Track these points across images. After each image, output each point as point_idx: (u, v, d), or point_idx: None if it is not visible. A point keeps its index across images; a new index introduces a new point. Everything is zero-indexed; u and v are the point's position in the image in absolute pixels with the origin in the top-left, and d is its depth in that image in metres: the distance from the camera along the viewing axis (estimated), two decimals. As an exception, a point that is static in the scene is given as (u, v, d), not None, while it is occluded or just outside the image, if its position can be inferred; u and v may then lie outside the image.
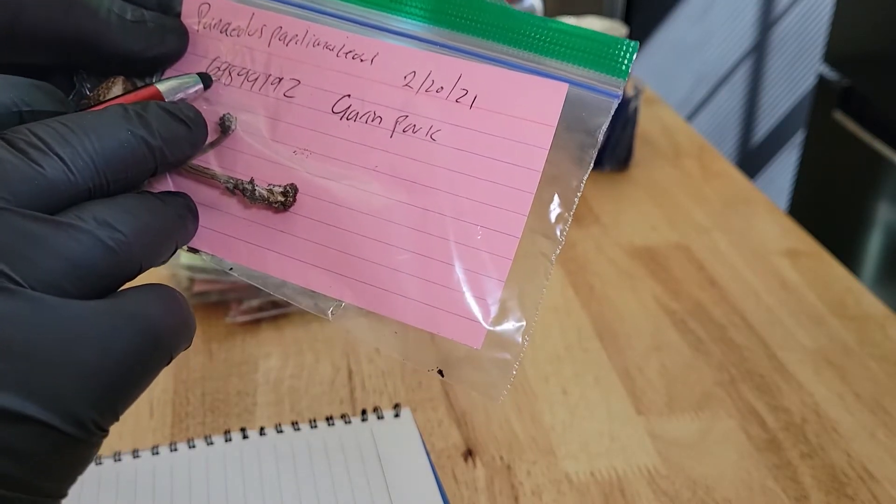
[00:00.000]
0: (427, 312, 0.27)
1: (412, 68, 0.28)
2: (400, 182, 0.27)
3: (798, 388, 0.56)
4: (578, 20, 0.94)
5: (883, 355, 0.59)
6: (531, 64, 0.27)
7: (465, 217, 0.27)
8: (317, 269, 0.28)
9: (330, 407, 0.54)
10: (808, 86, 1.98)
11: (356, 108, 0.28)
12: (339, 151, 0.28)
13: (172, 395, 0.54)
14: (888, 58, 1.39)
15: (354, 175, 0.28)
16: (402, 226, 0.27)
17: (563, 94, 0.27)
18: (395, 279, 0.27)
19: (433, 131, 0.27)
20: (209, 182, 0.29)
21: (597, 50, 0.27)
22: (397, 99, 0.28)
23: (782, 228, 0.76)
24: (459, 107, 0.27)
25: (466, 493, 0.48)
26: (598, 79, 0.27)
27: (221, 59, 0.30)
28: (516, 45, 0.27)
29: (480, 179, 0.27)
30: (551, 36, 0.27)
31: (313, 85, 0.29)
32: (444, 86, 0.28)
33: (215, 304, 0.62)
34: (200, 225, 0.29)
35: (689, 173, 0.86)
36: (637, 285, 0.67)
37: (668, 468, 0.49)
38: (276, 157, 0.29)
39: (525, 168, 0.27)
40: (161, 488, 0.46)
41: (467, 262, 0.27)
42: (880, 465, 0.50)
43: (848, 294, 0.66)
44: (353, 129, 0.28)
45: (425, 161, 0.27)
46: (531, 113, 0.27)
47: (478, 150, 0.27)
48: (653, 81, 1.94)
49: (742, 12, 1.89)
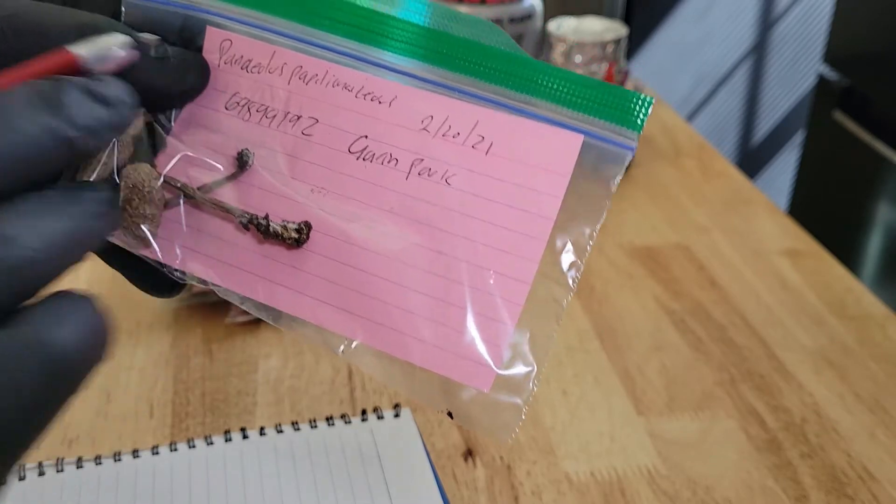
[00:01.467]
0: (437, 354, 0.27)
1: (430, 112, 0.28)
2: (414, 224, 0.28)
3: (798, 388, 0.56)
4: (579, 20, 0.94)
5: (883, 355, 0.59)
6: (548, 113, 0.28)
7: (478, 261, 0.27)
8: (328, 307, 0.28)
9: (330, 407, 0.54)
10: (808, 86, 1.98)
11: (373, 149, 0.28)
12: (355, 191, 0.28)
13: (172, 395, 0.54)
14: (888, 58, 1.39)
15: (369, 215, 0.28)
16: (416, 267, 0.27)
17: (579, 145, 0.27)
18: (406, 320, 0.27)
19: (448, 175, 0.28)
20: (224, 216, 0.29)
21: (613, 102, 0.27)
22: (414, 142, 0.28)
23: (782, 228, 0.76)
24: (475, 153, 0.28)
25: (466, 493, 0.48)
26: (613, 130, 0.27)
27: (241, 94, 0.30)
28: (534, 93, 0.28)
29: (494, 225, 0.27)
30: (568, 86, 0.27)
31: (331, 124, 0.29)
32: (461, 131, 0.28)
33: (215, 304, 0.62)
34: (215, 257, 0.29)
35: (689, 173, 0.86)
36: (637, 285, 0.67)
37: (668, 468, 0.49)
38: (292, 193, 0.29)
39: (538, 216, 0.27)
40: (161, 488, 0.46)
41: (479, 305, 0.27)
42: (880, 465, 0.50)
43: (848, 294, 0.66)
44: (369, 170, 0.28)
45: (440, 204, 0.28)
46: (546, 162, 0.27)
47: (492, 195, 0.27)
48: (653, 81, 1.95)
49: (742, 12, 1.89)
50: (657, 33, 1.88)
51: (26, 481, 0.46)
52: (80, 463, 0.48)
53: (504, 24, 0.86)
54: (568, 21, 0.95)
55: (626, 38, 0.93)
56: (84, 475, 0.47)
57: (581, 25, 0.94)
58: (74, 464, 0.48)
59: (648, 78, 1.93)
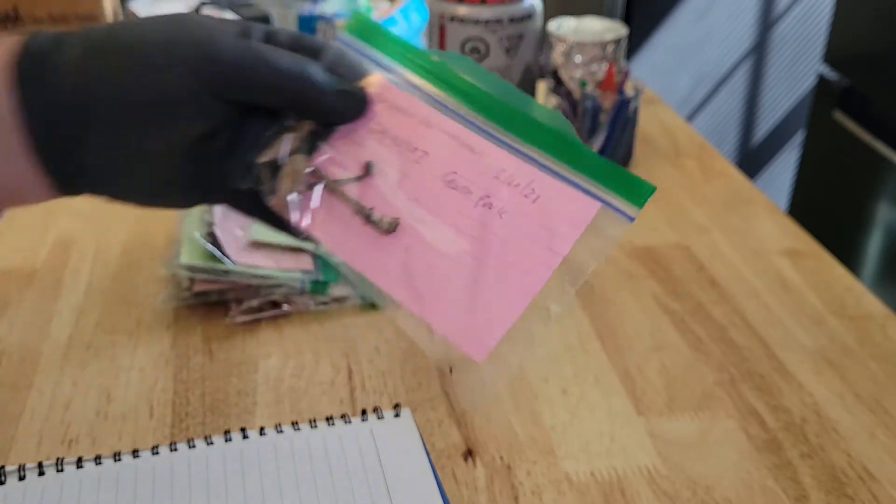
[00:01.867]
0: (454, 326, 0.37)
1: (504, 167, 0.39)
2: (468, 237, 0.38)
3: (798, 388, 0.56)
4: (579, 20, 0.94)
5: (883, 355, 0.59)
6: (580, 181, 0.38)
7: (503, 272, 0.37)
8: (390, 277, 0.39)
9: (330, 407, 0.54)
10: (808, 86, 1.98)
11: (458, 182, 0.40)
12: (436, 206, 0.39)
13: (172, 395, 0.54)
14: (888, 58, 1.39)
15: (440, 224, 0.39)
16: (458, 266, 0.38)
17: (596, 211, 0.38)
18: (440, 298, 0.38)
19: (502, 211, 0.38)
20: (345, 203, 0.40)
21: (626, 184, 0.38)
22: (486, 183, 0.39)
23: (782, 228, 0.76)
24: (525, 200, 0.38)
25: (466, 492, 0.48)
26: (621, 203, 0.38)
27: (382, 124, 0.41)
28: (575, 166, 0.39)
29: (521, 250, 0.38)
30: (598, 166, 0.38)
31: (436, 158, 0.40)
32: (520, 183, 0.39)
33: (215, 304, 0.62)
34: (330, 229, 0.40)
35: (690, 173, 0.86)
36: (637, 285, 0.67)
37: (668, 468, 0.49)
38: (393, 198, 0.40)
39: (553, 251, 0.37)
40: (161, 488, 0.46)
41: (493, 302, 0.37)
42: (880, 465, 0.50)
43: (848, 294, 0.66)
44: (450, 195, 0.39)
45: (489, 229, 0.38)
46: (570, 215, 0.38)
47: (527, 231, 0.38)
48: (653, 81, 1.94)
49: (742, 12, 1.89)
50: (657, 33, 1.88)
51: (26, 481, 0.46)
52: (80, 463, 0.48)
53: (504, 24, 0.86)
54: (568, 21, 0.95)
55: (626, 38, 0.93)
56: (84, 475, 0.47)
57: (581, 25, 0.94)
58: (74, 464, 0.48)
59: (648, 78, 1.93)
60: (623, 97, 0.83)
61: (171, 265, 0.63)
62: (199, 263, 0.62)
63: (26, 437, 0.51)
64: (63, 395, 0.54)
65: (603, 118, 0.84)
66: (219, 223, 0.64)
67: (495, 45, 0.87)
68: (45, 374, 0.56)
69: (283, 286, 0.63)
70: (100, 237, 0.73)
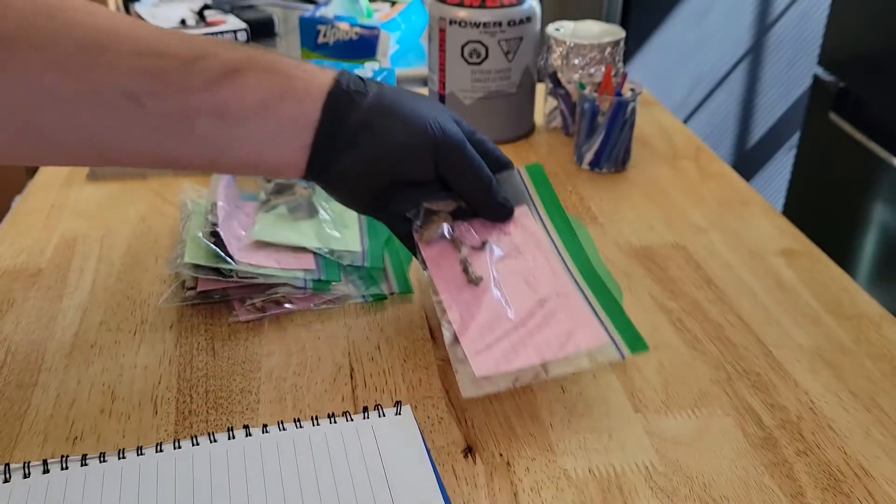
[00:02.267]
0: (475, 348, 0.52)
1: (565, 290, 0.56)
2: (516, 312, 0.54)
3: (794, 387, 0.56)
4: (577, 23, 0.95)
5: (878, 354, 0.59)
6: (601, 314, 0.54)
7: (525, 340, 0.52)
8: (456, 305, 0.55)
9: (332, 404, 0.54)
10: (804, 88, 1.99)
11: (532, 283, 0.56)
12: (510, 286, 0.56)
13: (176, 392, 0.55)
14: (882, 60, 1.40)
15: (505, 297, 0.55)
16: (500, 322, 0.53)
17: (603, 341, 0.52)
18: (476, 331, 0.53)
19: (546, 310, 0.54)
20: (456, 255, 0.57)
21: (631, 334, 0.53)
22: (549, 293, 0.55)
23: (778, 228, 0.76)
24: (565, 313, 0.54)
25: (466, 489, 0.48)
26: (621, 344, 0.53)
27: (508, 227, 0.59)
28: (607, 311, 0.55)
29: (543, 335, 0.53)
30: (622, 319, 0.54)
31: (528, 264, 0.57)
32: (569, 302, 0.55)
33: (219, 303, 0.63)
34: (440, 264, 0.57)
35: (687, 174, 0.87)
36: (634, 284, 0.67)
37: (666, 465, 0.50)
38: (488, 267, 0.57)
39: (562, 348, 0.52)
40: (164, 485, 0.47)
41: (510, 352, 0.52)
42: (876, 463, 0.50)
43: (843, 293, 0.67)
44: (523, 286, 0.56)
45: (533, 315, 0.54)
46: (586, 335, 0.53)
47: (555, 327, 0.53)
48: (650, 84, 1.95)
49: (739, 15, 1.90)
50: (655, 36, 1.89)
51: (31, 478, 0.47)
52: (84, 460, 0.48)
53: (503, 28, 0.87)
54: (566, 24, 0.95)
55: (623, 40, 0.93)
56: (88, 472, 0.47)
57: (579, 28, 0.94)
58: (79, 461, 0.48)
59: (646, 80, 1.93)
60: (621, 99, 0.83)
61: (174, 264, 0.64)
62: (203, 263, 0.62)
63: (31, 434, 0.52)
64: (67, 393, 0.55)
65: (601, 120, 0.84)
66: (222, 223, 0.65)
67: (494, 47, 0.88)
68: (49, 372, 0.57)
69: (286, 285, 0.63)
70: (104, 237, 0.73)
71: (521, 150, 0.93)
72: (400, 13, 1.31)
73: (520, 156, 0.91)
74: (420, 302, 0.65)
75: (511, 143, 0.94)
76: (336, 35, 1.23)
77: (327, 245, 0.67)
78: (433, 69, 0.93)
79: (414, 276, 0.68)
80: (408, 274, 0.68)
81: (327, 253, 0.67)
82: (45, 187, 0.83)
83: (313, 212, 0.71)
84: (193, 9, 1.32)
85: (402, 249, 0.71)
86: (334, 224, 0.71)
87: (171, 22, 1.28)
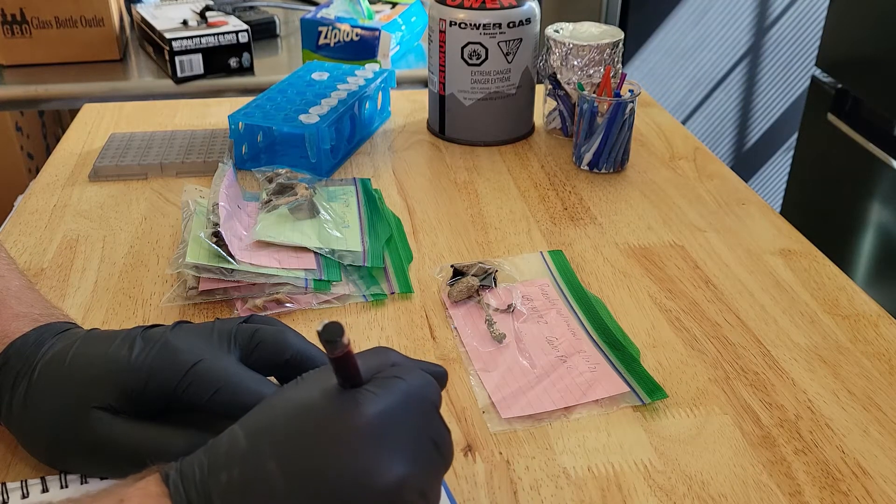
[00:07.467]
0: (500, 395, 0.55)
1: (586, 349, 0.60)
2: (538, 367, 0.58)
3: (792, 386, 0.57)
4: (576, 25, 0.96)
5: (875, 353, 0.60)
6: (621, 368, 0.58)
7: (546, 389, 0.56)
8: (479, 357, 0.59)
9: (333, 403, 0.54)
10: (802, 89, 2.00)
11: (554, 342, 0.60)
12: (532, 344, 0.60)
13: (178, 391, 0.55)
14: (879, 62, 1.41)
15: (530, 342, 0.60)
16: (520, 374, 0.57)
17: (623, 390, 0.56)
18: (497, 371, 0.58)
19: (569, 365, 0.58)
20: (483, 313, 0.63)
21: (649, 384, 0.56)
22: (570, 351, 0.60)
23: (776, 228, 0.77)
24: (587, 367, 0.58)
25: (466, 487, 0.48)
26: (639, 392, 0.55)
27: (533, 299, 0.66)
28: (621, 362, 0.58)
29: (563, 385, 0.56)
30: (635, 366, 0.58)
31: (549, 326, 0.62)
32: (590, 359, 0.59)
33: (220, 302, 0.63)
34: (465, 320, 0.63)
35: (685, 174, 0.87)
36: (633, 284, 0.68)
37: (664, 463, 0.50)
38: (511, 326, 0.62)
39: (583, 394, 0.56)
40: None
41: (532, 398, 0.55)
42: (873, 461, 0.50)
43: (841, 293, 0.67)
44: (545, 344, 0.60)
45: (555, 369, 0.58)
46: (605, 385, 0.56)
47: (576, 377, 0.57)
48: (649, 85, 1.96)
49: (737, 17, 1.90)
50: (653, 38, 1.90)
51: (29, 498, 0.46)
52: (84, 479, 0.47)
53: (503, 29, 0.87)
54: (565, 25, 0.96)
55: (622, 42, 0.94)
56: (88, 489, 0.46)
57: (578, 30, 0.95)
58: (78, 480, 0.47)
59: (645, 81, 1.94)
60: (619, 100, 0.84)
61: (176, 264, 0.64)
62: (205, 263, 0.63)
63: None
64: (70, 392, 0.55)
65: (600, 120, 0.85)
66: (223, 223, 0.65)
67: (494, 49, 0.88)
68: (52, 371, 0.57)
69: (287, 285, 0.63)
70: (106, 237, 0.73)
71: (521, 151, 0.93)
72: (400, 15, 1.31)
73: (519, 156, 0.91)
74: (420, 302, 0.65)
75: (510, 144, 0.94)
76: (337, 36, 1.23)
77: (328, 245, 0.68)
78: (433, 70, 0.94)
79: (414, 277, 0.68)
80: (408, 274, 0.68)
81: (328, 253, 0.67)
82: (47, 188, 0.83)
83: (314, 212, 0.72)
84: (195, 10, 1.33)
85: (402, 249, 0.71)
86: (335, 224, 0.71)
87: (173, 23, 1.28)
